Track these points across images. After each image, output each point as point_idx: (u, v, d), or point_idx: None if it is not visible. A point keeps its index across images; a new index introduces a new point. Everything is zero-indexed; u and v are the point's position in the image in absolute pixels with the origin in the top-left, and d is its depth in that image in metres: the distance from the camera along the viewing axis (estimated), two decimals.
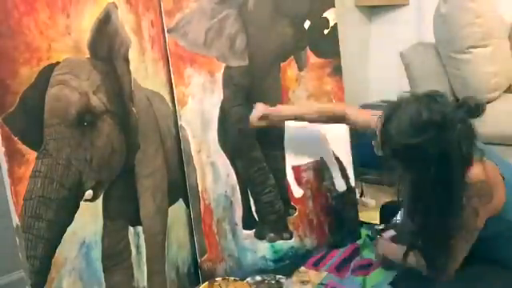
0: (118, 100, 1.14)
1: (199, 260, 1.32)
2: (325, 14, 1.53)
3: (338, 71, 1.57)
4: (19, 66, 0.95)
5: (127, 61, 1.18)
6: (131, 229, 1.17)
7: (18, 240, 0.96)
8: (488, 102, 1.76)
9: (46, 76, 0.99)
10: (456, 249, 1.05)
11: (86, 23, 1.08)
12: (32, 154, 0.96)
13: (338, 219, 1.56)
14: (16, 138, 0.94)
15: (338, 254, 1.47)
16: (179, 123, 1.31)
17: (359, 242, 1.56)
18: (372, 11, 2.87)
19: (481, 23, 1.70)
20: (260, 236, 1.43)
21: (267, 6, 1.44)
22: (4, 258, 1.23)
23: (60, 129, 1.00)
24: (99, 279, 1.09)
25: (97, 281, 1.09)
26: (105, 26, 1.12)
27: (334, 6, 1.54)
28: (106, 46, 1.13)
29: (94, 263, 1.08)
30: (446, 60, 1.80)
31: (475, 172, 0.99)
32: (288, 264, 1.44)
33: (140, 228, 1.19)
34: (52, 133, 0.99)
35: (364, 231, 1.64)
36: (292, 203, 1.49)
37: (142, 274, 1.19)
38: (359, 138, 2.47)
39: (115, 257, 1.13)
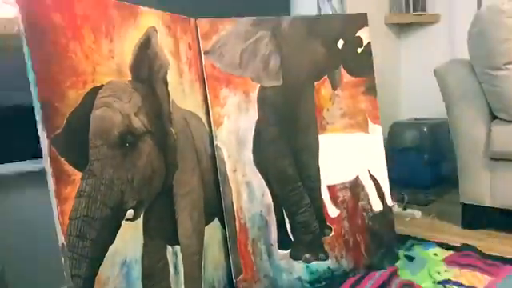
0: (158, 121, 1.16)
1: (235, 280, 1.32)
2: (358, 33, 1.54)
3: (372, 90, 1.56)
4: (66, 89, 0.99)
5: (166, 83, 1.20)
6: (169, 248, 1.18)
7: (63, 259, 0.97)
8: None
9: (91, 98, 1.02)
10: None
11: (127, 47, 1.12)
12: (77, 175, 0.99)
13: (375, 240, 1.52)
14: (63, 159, 0.96)
15: (377, 277, 1.44)
16: (215, 143, 1.33)
17: (397, 264, 1.52)
18: (402, 29, 2.87)
19: None
20: (295, 256, 1.42)
21: (300, 27, 1.46)
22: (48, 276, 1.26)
23: (103, 149, 1.03)
24: None
25: None
26: (145, 50, 1.15)
27: (367, 25, 1.55)
28: (147, 69, 1.16)
29: (135, 282, 1.09)
30: (482, 77, 1.77)
31: None
32: (324, 286, 1.42)
33: (178, 247, 1.20)
34: (96, 153, 1.02)
35: (402, 252, 1.60)
36: (328, 223, 1.48)
37: None
38: (396, 157, 2.44)
39: (154, 276, 1.13)
